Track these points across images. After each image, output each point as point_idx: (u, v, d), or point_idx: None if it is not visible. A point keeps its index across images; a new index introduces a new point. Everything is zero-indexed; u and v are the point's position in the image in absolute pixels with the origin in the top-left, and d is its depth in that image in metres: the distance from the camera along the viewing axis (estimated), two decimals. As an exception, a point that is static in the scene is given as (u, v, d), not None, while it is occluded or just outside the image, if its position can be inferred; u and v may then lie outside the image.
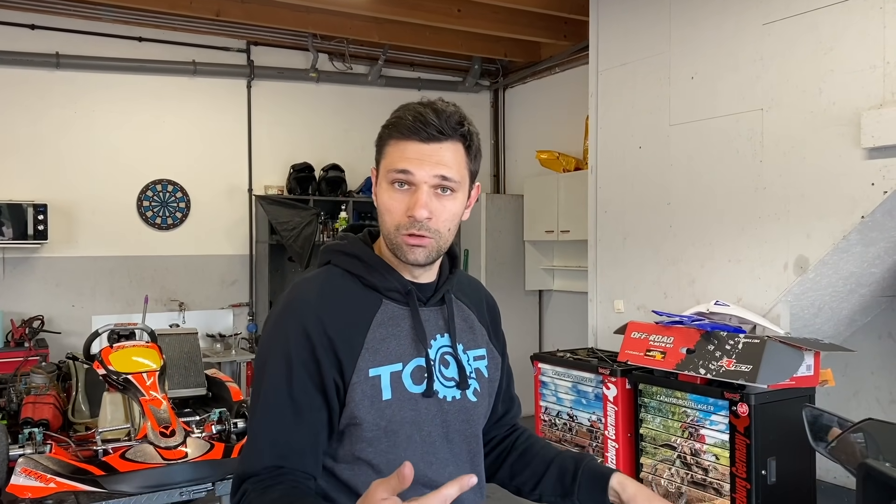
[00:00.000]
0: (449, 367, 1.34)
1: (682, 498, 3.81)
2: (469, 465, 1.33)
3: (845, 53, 3.54)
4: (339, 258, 1.35)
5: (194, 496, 3.51)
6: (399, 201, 1.26)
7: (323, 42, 6.65)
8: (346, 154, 6.83)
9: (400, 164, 1.24)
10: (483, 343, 1.44)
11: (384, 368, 1.26)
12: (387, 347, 1.27)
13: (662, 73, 4.50)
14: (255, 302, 6.70)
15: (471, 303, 1.46)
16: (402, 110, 1.27)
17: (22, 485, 3.09)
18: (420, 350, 1.30)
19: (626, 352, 4.09)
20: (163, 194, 6.34)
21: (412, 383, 1.28)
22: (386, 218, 1.28)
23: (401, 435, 1.26)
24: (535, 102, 7.23)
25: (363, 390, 1.23)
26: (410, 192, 1.25)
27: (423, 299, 1.35)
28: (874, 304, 4.21)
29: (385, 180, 1.27)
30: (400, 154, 1.25)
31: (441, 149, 1.25)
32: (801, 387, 3.59)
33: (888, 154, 3.32)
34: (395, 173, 1.25)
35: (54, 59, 5.86)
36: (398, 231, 1.26)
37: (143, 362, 3.77)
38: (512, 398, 1.58)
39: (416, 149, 1.24)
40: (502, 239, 6.81)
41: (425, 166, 1.24)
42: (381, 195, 1.28)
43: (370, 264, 1.32)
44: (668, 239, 4.47)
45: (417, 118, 1.24)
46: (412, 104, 1.28)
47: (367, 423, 1.24)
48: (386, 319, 1.29)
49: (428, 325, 1.33)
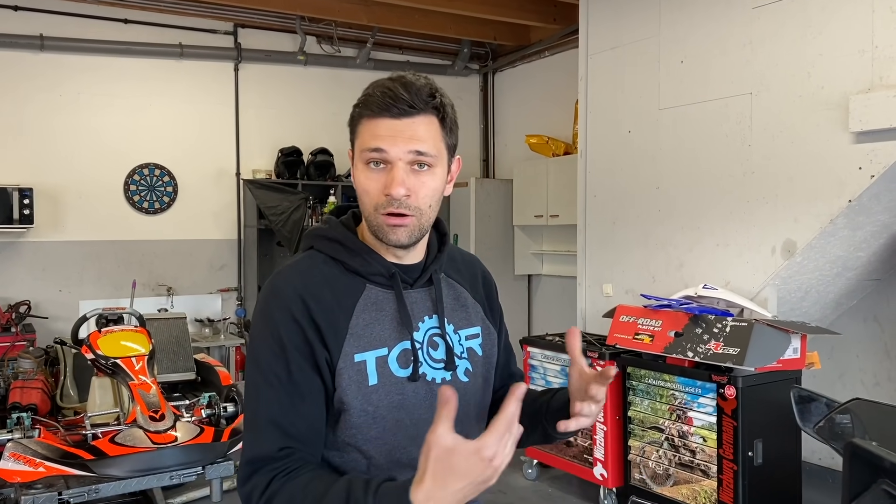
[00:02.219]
0: (438, 349, 1.32)
1: (669, 479, 3.85)
2: None
3: (834, 37, 3.54)
4: (321, 243, 1.33)
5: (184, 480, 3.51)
6: (375, 181, 1.23)
7: (311, 24, 6.60)
8: (335, 138, 6.79)
9: (372, 142, 1.22)
10: (477, 321, 1.42)
11: (369, 353, 1.25)
12: (371, 332, 1.26)
13: (652, 57, 4.50)
14: (243, 287, 6.68)
15: (464, 280, 1.43)
16: (372, 87, 1.25)
17: (11, 469, 3.08)
18: (405, 334, 1.28)
19: (615, 335, 4.12)
20: (150, 178, 6.29)
21: (398, 367, 1.27)
22: (364, 199, 1.26)
23: (389, 420, 1.24)
24: (525, 86, 7.21)
25: (349, 375, 1.22)
26: (386, 170, 1.22)
27: (410, 281, 1.33)
28: (860, 287, 4.25)
29: (360, 161, 1.25)
30: (372, 132, 1.22)
31: (414, 123, 1.22)
32: (787, 369, 3.62)
33: (876, 138, 3.34)
34: (368, 152, 1.23)
35: (38, 41, 5.79)
36: (377, 211, 1.24)
37: (131, 347, 3.76)
38: (511, 374, 1.54)
39: (388, 125, 1.21)
40: (491, 223, 6.82)
41: (398, 142, 1.21)
42: (357, 176, 1.26)
43: (352, 248, 1.30)
44: (657, 223, 4.49)
45: (386, 94, 1.21)
46: (381, 80, 1.25)
47: (355, 408, 1.23)
48: (369, 304, 1.27)
49: (416, 307, 1.32)
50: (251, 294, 6.61)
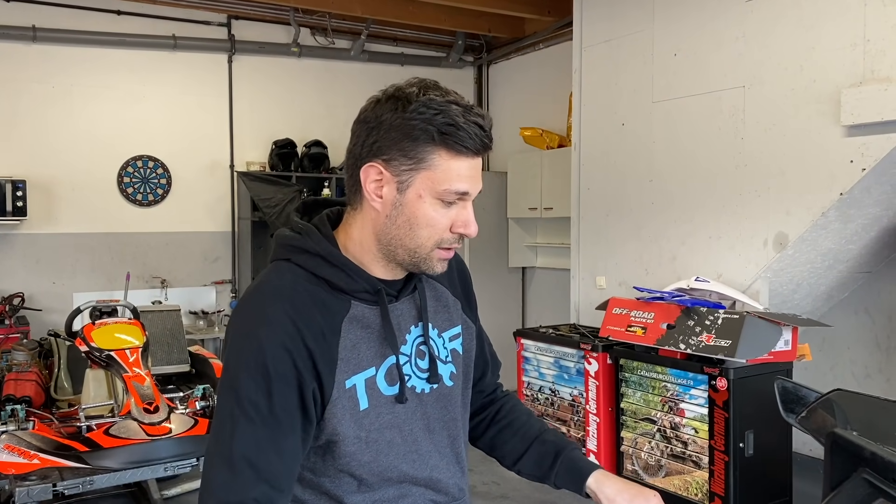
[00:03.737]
0: (425, 358, 1.29)
1: (661, 471, 3.88)
2: (451, 451, 1.32)
3: (826, 31, 3.56)
4: (300, 257, 1.23)
5: (178, 471, 3.53)
6: (444, 216, 1.17)
7: (305, 16, 6.57)
8: (329, 130, 6.78)
9: (459, 183, 1.15)
10: (458, 320, 1.39)
11: (358, 377, 1.20)
12: (358, 354, 1.20)
13: (646, 50, 4.50)
14: (237, 279, 6.68)
15: (442, 277, 1.37)
16: (451, 115, 1.12)
17: (5, 461, 3.09)
18: (391, 351, 1.24)
19: (608, 327, 4.14)
20: (144, 170, 6.28)
21: (387, 385, 1.23)
22: (423, 232, 1.18)
23: (381, 442, 1.21)
24: (519, 79, 7.21)
25: (343, 405, 1.17)
26: (456, 206, 1.18)
27: (395, 294, 1.27)
28: (851, 280, 4.27)
29: (430, 194, 1.16)
30: (458, 172, 1.15)
31: (480, 162, 1.19)
32: (778, 361, 3.65)
33: (867, 131, 3.36)
34: (452, 193, 1.16)
35: (31, 32, 5.76)
36: (435, 245, 1.19)
37: (125, 339, 3.77)
38: (486, 361, 1.51)
39: (472, 165, 1.16)
40: (485, 216, 6.82)
41: (476, 183, 1.18)
42: (422, 208, 1.16)
43: (336, 265, 1.21)
44: (650, 216, 4.50)
45: (480, 134, 1.14)
46: (458, 109, 1.13)
47: (349, 437, 1.19)
48: (355, 322, 1.21)
49: (402, 319, 1.28)
50: (245, 286, 6.60)
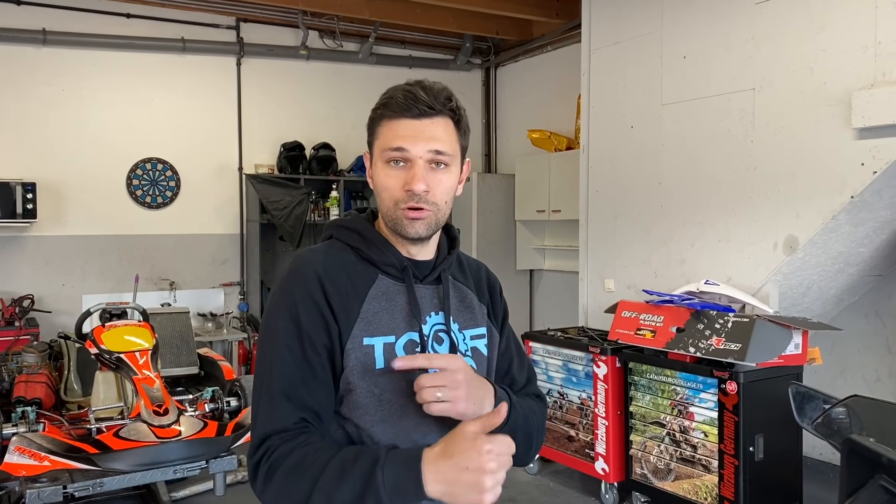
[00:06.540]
0: (442, 344, 1.36)
1: (670, 474, 3.87)
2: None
3: (837, 33, 3.54)
4: (340, 232, 1.39)
5: (188, 474, 3.54)
6: (396, 178, 1.30)
7: (313, 19, 6.59)
8: (337, 133, 6.80)
9: (394, 142, 1.28)
10: (483, 322, 1.46)
11: (377, 339, 1.29)
12: (380, 320, 1.31)
13: (655, 53, 4.49)
14: (246, 281, 6.70)
15: (470, 284, 1.48)
16: (392, 90, 1.32)
17: (16, 463, 3.10)
18: (413, 325, 1.33)
19: (617, 330, 4.13)
20: (152, 173, 6.30)
21: (404, 355, 1.30)
22: (384, 195, 1.32)
23: (395, 404, 1.28)
24: (527, 81, 7.20)
25: (357, 357, 1.27)
26: (406, 168, 1.29)
27: (420, 276, 1.37)
28: (862, 283, 4.25)
29: (380, 160, 1.31)
30: (393, 133, 1.29)
31: (432, 124, 1.29)
32: (789, 365, 3.63)
33: (878, 134, 3.34)
34: (390, 152, 1.29)
35: (41, 35, 5.79)
36: (397, 206, 1.30)
37: (135, 341, 3.77)
38: (513, 379, 1.52)
39: (409, 126, 1.28)
40: (493, 218, 6.82)
41: (419, 142, 1.28)
42: (377, 175, 1.32)
43: (368, 238, 1.36)
44: (659, 218, 4.49)
45: (408, 96, 1.28)
46: (400, 85, 1.32)
47: (361, 389, 1.27)
48: (380, 293, 1.33)
49: (423, 302, 1.36)
50: (253, 288, 6.62)
